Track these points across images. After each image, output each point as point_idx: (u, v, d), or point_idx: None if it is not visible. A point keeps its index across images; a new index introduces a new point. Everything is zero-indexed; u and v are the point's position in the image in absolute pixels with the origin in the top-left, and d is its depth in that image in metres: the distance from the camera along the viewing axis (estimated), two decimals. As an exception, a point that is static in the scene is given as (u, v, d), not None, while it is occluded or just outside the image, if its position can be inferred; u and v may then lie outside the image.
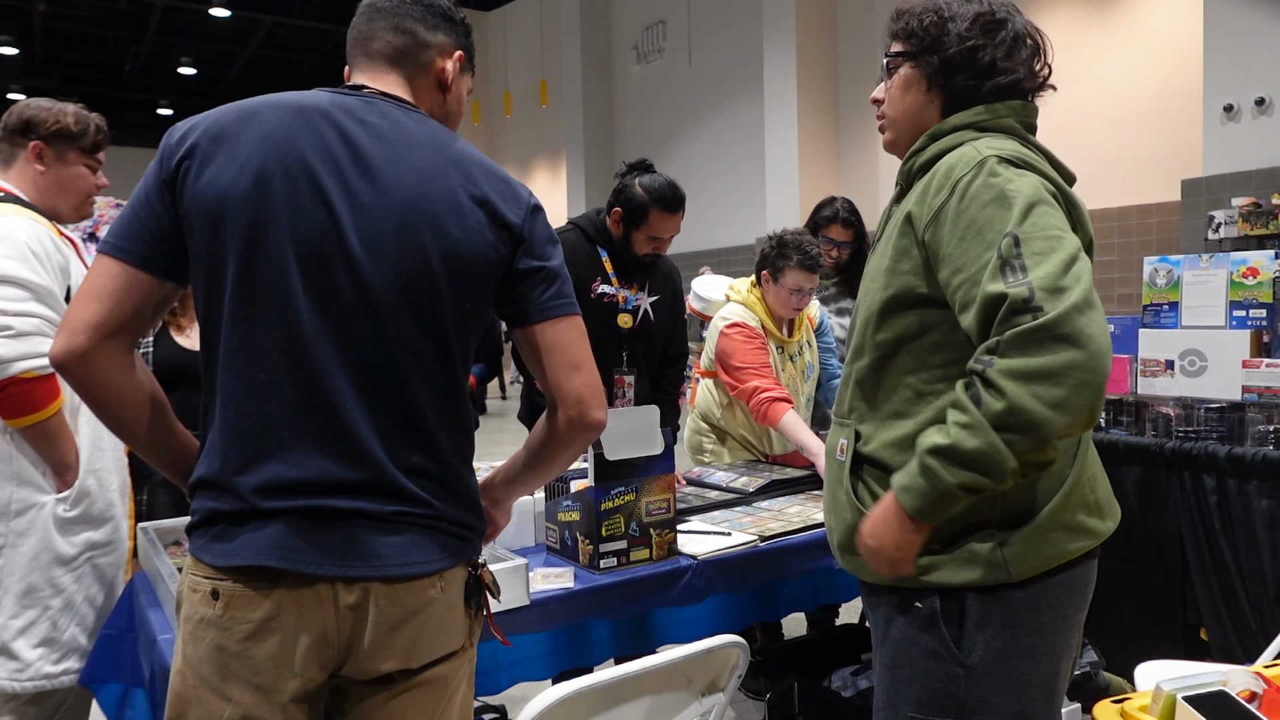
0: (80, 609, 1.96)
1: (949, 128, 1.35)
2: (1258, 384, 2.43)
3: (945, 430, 1.19)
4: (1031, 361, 1.12)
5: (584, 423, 1.29)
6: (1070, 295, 1.12)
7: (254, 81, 15.92)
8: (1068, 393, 1.11)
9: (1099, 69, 6.42)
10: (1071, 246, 1.17)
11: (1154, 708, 1.30)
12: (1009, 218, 1.19)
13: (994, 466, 1.16)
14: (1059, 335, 1.11)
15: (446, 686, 1.23)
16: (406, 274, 1.16)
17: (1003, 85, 1.34)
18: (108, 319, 1.14)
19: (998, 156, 1.24)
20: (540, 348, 1.28)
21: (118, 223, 1.17)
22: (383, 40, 1.29)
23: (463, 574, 1.24)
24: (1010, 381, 1.13)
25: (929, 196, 1.28)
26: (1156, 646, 2.55)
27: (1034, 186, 1.22)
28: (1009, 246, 1.17)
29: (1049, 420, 1.12)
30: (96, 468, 1.97)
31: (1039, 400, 1.12)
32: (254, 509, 1.13)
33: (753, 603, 2.10)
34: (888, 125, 1.45)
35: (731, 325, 2.79)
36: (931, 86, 1.37)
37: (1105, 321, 1.15)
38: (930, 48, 1.35)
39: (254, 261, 1.13)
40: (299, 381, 1.13)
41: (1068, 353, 1.11)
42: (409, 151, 1.20)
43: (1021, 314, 1.13)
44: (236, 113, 1.18)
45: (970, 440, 1.16)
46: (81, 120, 2.06)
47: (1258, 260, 2.52)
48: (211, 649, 1.13)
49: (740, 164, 9.43)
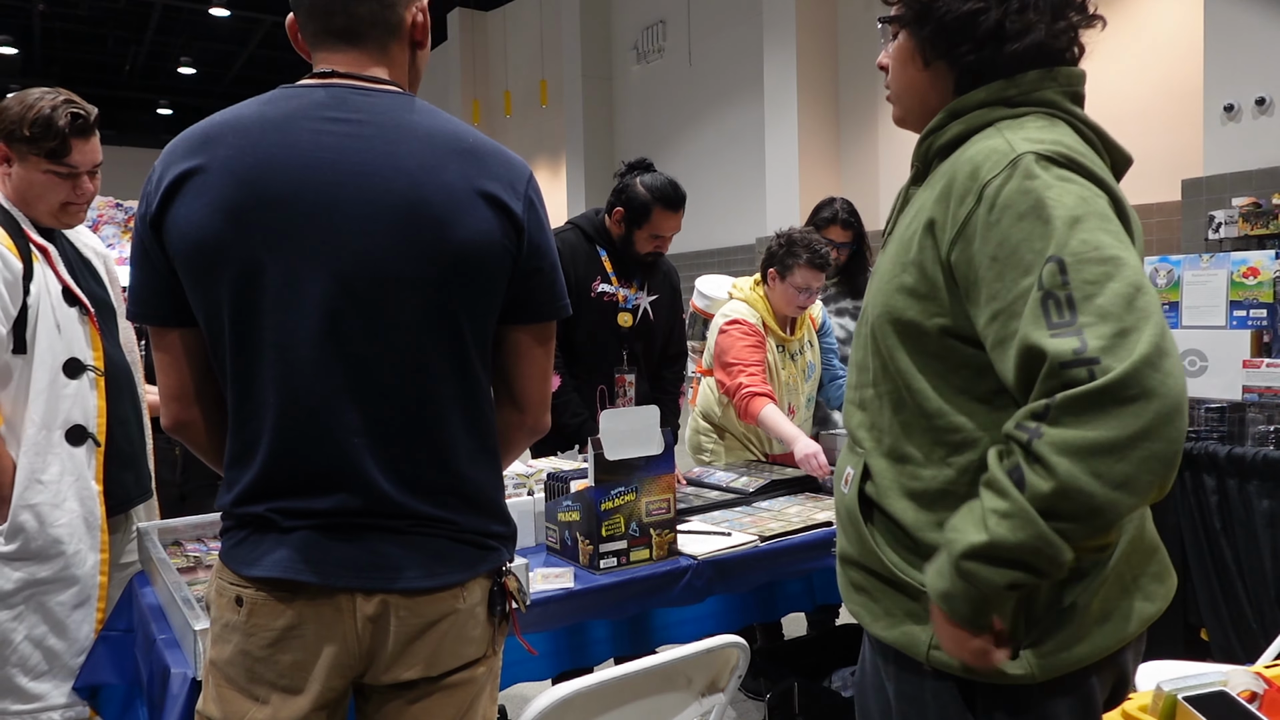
0: (20, 648, 1.86)
1: (973, 103, 1.11)
2: (1258, 384, 2.43)
3: (981, 521, 0.96)
4: (1092, 434, 0.89)
5: (537, 430, 1.29)
6: (1139, 343, 0.89)
7: (254, 81, 15.91)
8: (1135, 469, 0.89)
9: (1099, 69, 6.41)
10: (1133, 271, 0.94)
11: (1154, 708, 1.30)
12: (1051, 234, 0.95)
13: (1047, 562, 0.94)
14: (1126, 398, 0.89)
15: (468, 692, 1.21)
16: (415, 288, 1.11)
17: (1020, 52, 1.09)
18: (180, 387, 1.17)
19: (1035, 153, 1.00)
20: (519, 348, 1.24)
21: (129, 283, 1.17)
22: (345, 13, 1.14)
23: (486, 583, 1.21)
24: (1064, 458, 0.90)
25: (953, 204, 1.05)
26: (1156, 646, 2.55)
27: (1079, 192, 0.98)
28: (1053, 274, 0.94)
29: (1114, 503, 0.90)
30: (33, 503, 1.86)
31: (1100, 480, 0.89)
32: (275, 524, 1.12)
33: (752, 603, 2.10)
34: (894, 99, 1.24)
35: (730, 322, 2.79)
36: (931, 59, 1.14)
37: (1183, 370, 0.93)
38: (921, 15, 1.13)
39: (246, 302, 1.09)
40: (303, 418, 1.10)
41: (1138, 419, 0.89)
42: (399, 148, 1.11)
43: (1073, 367, 0.90)
44: (200, 140, 1.10)
45: (1014, 534, 0.93)
46: (40, 123, 1.85)
47: (1258, 260, 2.52)
48: (237, 653, 1.13)
49: (740, 164, 9.43)
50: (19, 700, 1.88)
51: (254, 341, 1.09)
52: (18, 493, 1.85)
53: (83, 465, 1.93)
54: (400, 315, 1.11)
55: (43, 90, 1.92)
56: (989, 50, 1.10)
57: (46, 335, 1.87)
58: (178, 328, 1.14)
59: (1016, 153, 1.01)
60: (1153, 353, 0.90)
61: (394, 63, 1.18)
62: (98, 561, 1.95)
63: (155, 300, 1.13)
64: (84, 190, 1.97)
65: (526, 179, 1.19)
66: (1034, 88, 1.09)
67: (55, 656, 1.90)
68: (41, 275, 1.89)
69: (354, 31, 1.15)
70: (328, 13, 1.14)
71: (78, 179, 1.95)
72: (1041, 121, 1.08)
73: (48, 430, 1.88)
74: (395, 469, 1.13)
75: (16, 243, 1.88)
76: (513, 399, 1.27)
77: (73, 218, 1.99)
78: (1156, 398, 0.89)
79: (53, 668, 1.90)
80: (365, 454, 1.11)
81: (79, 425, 1.92)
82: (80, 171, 1.94)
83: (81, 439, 1.92)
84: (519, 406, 1.27)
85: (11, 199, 1.93)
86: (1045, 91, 1.10)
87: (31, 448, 1.87)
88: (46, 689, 1.90)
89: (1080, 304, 0.92)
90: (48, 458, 1.88)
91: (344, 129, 1.10)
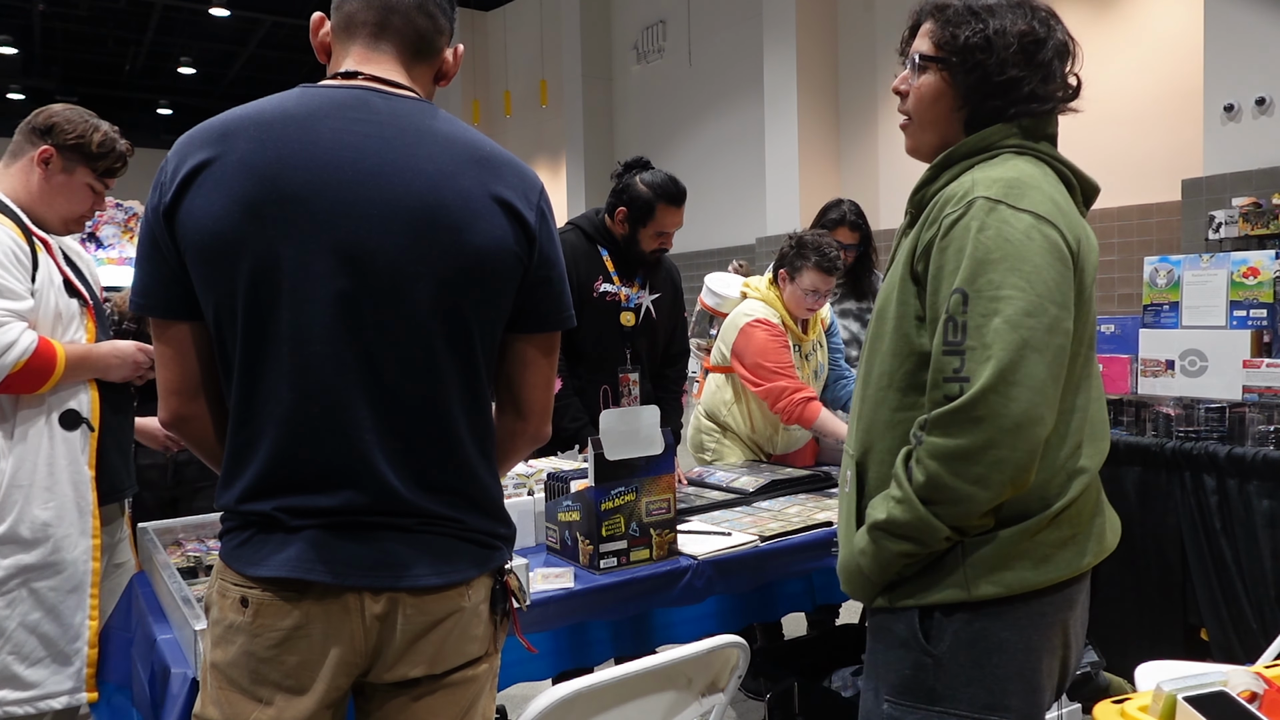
0: (15, 636, 1.89)
1: (961, 154, 1.30)
2: (1258, 384, 2.43)
3: (885, 503, 1.26)
4: (952, 443, 1.17)
5: (538, 438, 1.30)
6: (991, 372, 1.14)
7: (254, 81, 15.89)
8: (986, 470, 1.16)
9: (1099, 69, 6.41)
10: (1015, 308, 1.15)
11: (1154, 708, 1.30)
12: (969, 269, 1.18)
13: (927, 535, 1.22)
14: (975, 417, 1.15)
15: (470, 690, 1.22)
16: (429, 289, 1.11)
17: (1030, 110, 1.29)
18: (182, 381, 1.16)
19: (986, 196, 1.20)
20: (525, 356, 1.25)
21: (134, 275, 1.16)
22: (404, 19, 1.18)
23: (489, 582, 1.22)
24: (933, 460, 1.19)
25: (924, 231, 1.27)
26: (1156, 646, 2.55)
27: (1010, 234, 1.18)
28: (957, 304, 1.18)
29: (973, 495, 1.18)
30: (23, 484, 1.89)
31: (960, 478, 1.17)
32: (282, 523, 1.12)
33: (752, 603, 2.10)
34: (912, 129, 1.38)
35: (756, 321, 2.78)
36: (962, 106, 1.31)
37: (1033, 395, 1.15)
38: (971, 69, 1.28)
39: (260, 296, 1.09)
40: (315, 414, 1.10)
41: (984, 433, 1.15)
42: (418, 151, 1.12)
43: (952, 381, 1.17)
44: (219, 132, 1.10)
45: (904, 515, 1.22)
46: (106, 143, 2.03)
47: (1258, 260, 2.52)
48: (242, 654, 1.12)
49: (740, 164, 9.43)
50: (17, 688, 1.89)
51: (266, 336, 1.09)
52: (8, 474, 1.88)
53: (76, 450, 1.97)
54: (414, 315, 1.11)
55: (87, 113, 2.07)
56: (1011, 106, 1.28)
57: (51, 321, 1.95)
58: (185, 321, 1.14)
59: (973, 195, 1.22)
60: (998, 381, 1.14)
61: (417, 81, 1.22)
62: (89, 547, 1.98)
63: (162, 291, 1.13)
64: (100, 206, 2.15)
65: (539, 190, 1.22)
66: (1001, 137, 1.29)
67: (51, 643, 1.92)
68: (46, 266, 1.96)
69: (402, 38, 1.19)
70: (389, 9, 1.17)
71: (100, 196, 2.11)
72: (1012, 159, 1.27)
73: (42, 414, 1.92)
74: (405, 466, 1.13)
75: (22, 233, 1.95)
76: (516, 406, 1.28)
77: (78, 227, 2.11)
78: (997, 418, 1.14)
79: (49, 654, 1.92)
80: (375, 451, 1.11)
81: (73, 410, 1.96)
82: (106, 191, 2.12)
83: (76, 424, 1.97)
84: (522, 414, 1.28)
85: (21, 198, 2.00)
86: (1011, 138, 1.29)
87: (25, 431, 1.90)
88: (44, 676, 1.92)
89: (970, 331, 1.17)
90: (41, 441, 1.92)
91: (365, 129, 1.11)
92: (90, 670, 1.95)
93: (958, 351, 1.17)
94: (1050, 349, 1.17)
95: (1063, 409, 1.25)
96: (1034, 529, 1.24)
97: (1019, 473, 1.17)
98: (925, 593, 1.27)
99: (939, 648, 1.26)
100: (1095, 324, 1.34)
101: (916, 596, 1.28)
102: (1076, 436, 1.28)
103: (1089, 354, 1.31)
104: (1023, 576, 1.24)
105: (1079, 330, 1.25)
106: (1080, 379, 1.29)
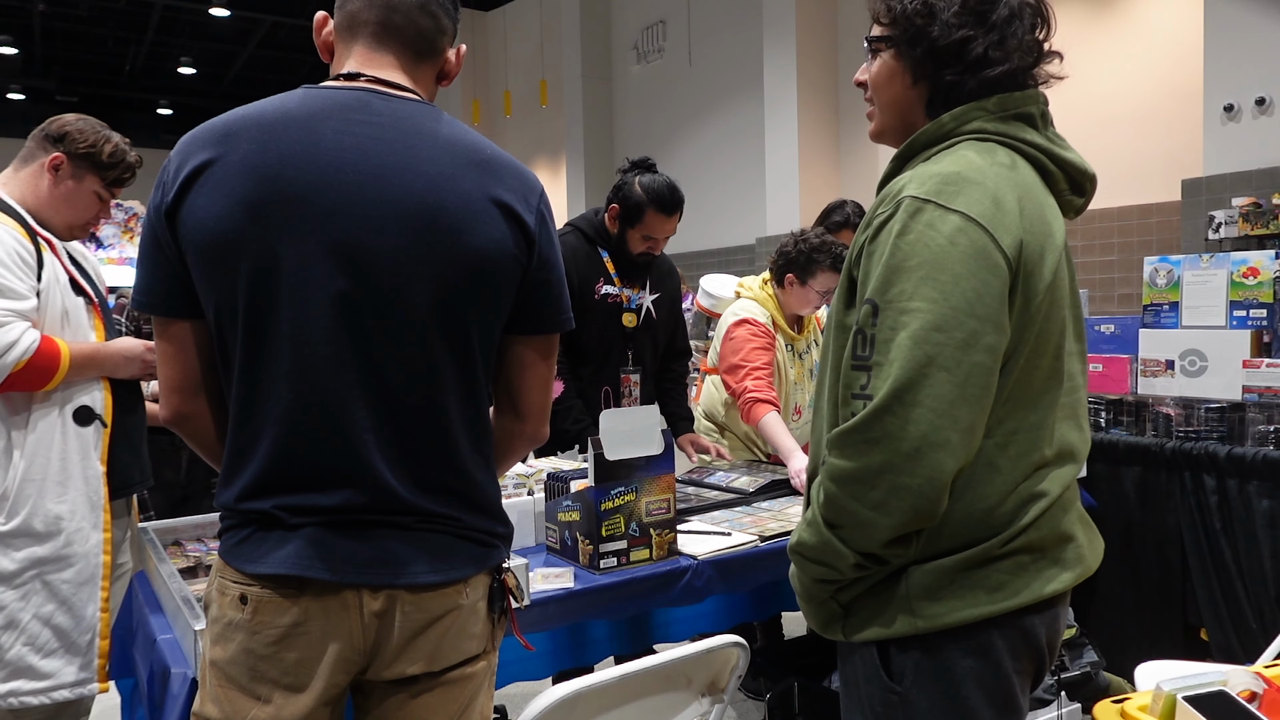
0: (29, 627, 1.92)
1: (920, 144, 1.22)
2: (1258, 384, 2.43)
3: (800, 527, 1.20)
4: (849, 465, 1.09)
5: (536, 439, 1.31)
6: (887, 390, 1.05)
7: (254, 82, 15.89)
8: (885, 496, 1.07)
9: (1099, 69, 6.41)
10: (921, 321, 1.05)
11: (1154, 708, 1.30)
12: (881, 277, 1.10)
13: (835, 560, 1.15)
14: (870, 438, 1.07)
15: (468, 688, 1.22)
16: (429, 290, 1.12)
17: (992, 78, 1.18)
18: (184, 379, 1.16)
19: (914, 195, 1.11)
20: (523, 358, 1.26)
21: (136, 274, 1.17)
22: (406, 18, 1.18)
23: (487, 579, 1.23)
24: (833, 483, 1.12)
25: (861, 233, 1.18)
26: (1156, 646, 2.55)
27: (935, 239, 1.07)
28: (867, 315, 1.10)
29: (873, 520, 1.09)
30: (36, 478, 1.93)
31: (859, 501, 1.09)
32: (281, 520, 1.12)
33: (753, 602, 2.10)
34: (875, 113, 1.31)
35: (740, 321, 2.78)
36: (917, 80, 1.22)
37: (934, 415, 1.05)
38: (914, 38, 1.20)
39: (261, 296, 1.09)
40: (314, 413, 1.11)
41: (880, 456, 1.06)
42: (419, 153, 1.13)
43: (858, 399, 1.10)
44: (221, 133, 1.11)
45: (811, 538, 1.16)
46: (117, 154, 2.08)
47: (1258, 260, 2.52)
48: (241, 651, 1.13)
49: (740, 164, 9.43)
50: (32, 679, 1.93)
51: (267, 335, 1.10)
52: (22, 469, 1.92)
53: (89, 445, 2.01)
54: (413, 316, 1.12)
55: (100, 124, 2.12)
56: (969, 75, 1.19)
57: (58, 321, 1.98)
58: (186, 319, 1.15)
59: (903, 196, 1.12)
60: (892, 401, 1.05)
61: (419, 82, 1.22)
62: (100, 540, 2.02)
63: (163, 290, 1.14)
64: (106, 215, 2.19)
65: (539, 194, 1.23)
66: (964, 120, 1.19)
67: (64, 634, 1.96)
68: (51, 265, 1.99)
69: (404, 37, 1.19)
70: (391, 8, 1.18)
71: (106, 205, 2.16)
72: (965, 149, 1.17)
73: (55, 410, 1.96)
74: (403, 466, 1.14)
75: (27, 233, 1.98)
76: (514, 407, 1.28)
77: (82, 234, 2.16)
78: (893, 440, 1.05)
79: (62, 645, 1.96)
80: (374, 450, 1.12)
81: (86, 406, 2.00)
82: (111, 200, 2.17)
83: (89, 420, 2.01)
84: (520, 415, 1.29)
85: (29, 202, 2.03)
86: (974, 122, 1.19)
87: (38, 426, 1.94)
88: (58, 666, 1.95)
89: (878, 345, 1.08)
90: (54, 436, 1.95)
91: (367, 131, 1.12)
92: (102, 661, 1.99)
93: (865, 367, 1.10)
94: (963, 367, 1.05)
95: (1011, 428, 1.14)
96: (981, 557, 1.14)
97: (921, 500, 1.07)
98: (877, 626, 1.17)
99: (904, 684, 1.17)
100: (1067, 330, 1.21)
101: (871, 628, 1.18)
102: (1032, 457, 1.16)
103: (1054, 365, 1.18)
104: (975, 605, 1.14)
105: (1039, 340, 1.14)
106: (1040, 394, 1.17)
